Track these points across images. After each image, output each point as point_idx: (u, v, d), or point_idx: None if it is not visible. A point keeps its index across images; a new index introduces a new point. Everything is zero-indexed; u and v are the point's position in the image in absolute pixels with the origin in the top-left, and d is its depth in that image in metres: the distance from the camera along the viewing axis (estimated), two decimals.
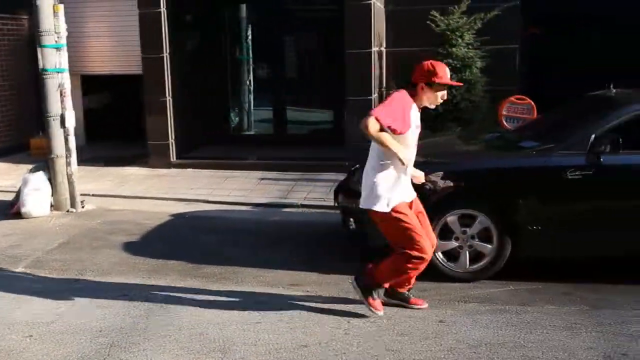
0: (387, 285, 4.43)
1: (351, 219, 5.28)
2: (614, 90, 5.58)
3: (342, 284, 4.97)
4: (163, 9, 9.06)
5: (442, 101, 4.19)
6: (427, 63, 4.10)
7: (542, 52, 10.32)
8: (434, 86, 4.08)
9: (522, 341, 3.99)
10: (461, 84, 4.06)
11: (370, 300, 4.31)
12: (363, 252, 5.52)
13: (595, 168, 4.71)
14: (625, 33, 10.34)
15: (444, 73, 4.08)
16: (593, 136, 4.74)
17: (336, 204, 5.73)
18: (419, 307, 4.47)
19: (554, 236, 4.88)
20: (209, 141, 10.26)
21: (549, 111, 6.49)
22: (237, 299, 4.69)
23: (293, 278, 5.14)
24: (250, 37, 10.73)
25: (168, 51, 9.17)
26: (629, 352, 3.85)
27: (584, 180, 4.74)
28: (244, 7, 10.70)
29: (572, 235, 4.89)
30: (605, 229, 4.88)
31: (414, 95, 4.14)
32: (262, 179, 8.63)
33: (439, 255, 4.95)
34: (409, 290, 4.50)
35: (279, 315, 4.38)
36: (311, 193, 7.82)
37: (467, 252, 4.92)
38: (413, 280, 4.44)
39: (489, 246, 4.91)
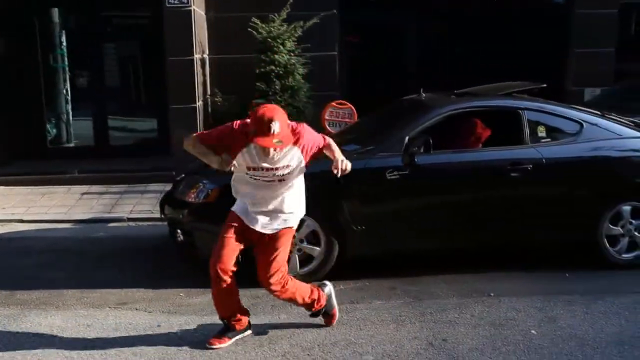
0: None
1: (178, 231, 5.15)
2: (424, 95, 5.96)
3: (173, 298, 4.84)
4: None
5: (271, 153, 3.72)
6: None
7: (359, 58, 10.83)
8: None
9: (353, 338, 4.13)
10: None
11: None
12: (192, 263, 5.44)
13: (410, 168, 5.00)
14: (430, 39, 11.19)
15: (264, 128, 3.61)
16: (407, 138, 5.04)
17: (163, 216, 5.57)
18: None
19: (378, 235, 5.11)
20: (24, 155, 9.50)
21: (368, 115, 6.80)
22: (59, 325, 4.36)
23: (120, 296, 4.91)
24: (65, 44, 10.10)
25: None
26: (448, 338, 4.13)
27: (402, 180, 5.02)
28: (56, 11, 10.04)
29: (394, 233, 5.15)
30: (423, 224, 5.20)
31: None
32: (85, 193, 8.16)
33: None
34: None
35: (106, 337, 4.15)
36: (138, 205, 7.53)
37: (297, 256, 5.00)
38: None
39: (318, 248, 5.03)
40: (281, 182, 3.87)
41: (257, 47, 8.81)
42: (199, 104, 8.81)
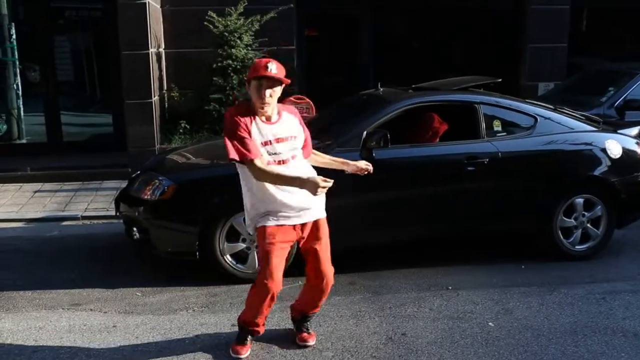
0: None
1: (134, 228, 5.06)
2: (382, 89, 5.97)
3: (129, 298, 4.75)
4: None
5: (267, 98, 3.52)
6: (257, 60, 3.71)
7: (318, 52, 10.82)
8: (251, 82, 3.56)
9: None
10: (286, 80, 3.71)
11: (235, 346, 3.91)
12: (149, 262, 5.35)
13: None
14: (387, 34, 11.24)
15: (260, 65, 3.51)
16: (365, 132, 5.03)
17: (118, 214, 5.46)
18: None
19: (338, 231, 5.07)
20: None
21: (325, 110, 6.78)
22: (9, 328, 4.23)
23: (74, 297, 4.78)
24: (15, 37, 9.82)
25: None
26: (407, 332, 4.16)
27: (360, 175, 4.99)
28: (4, 2, 9.74)
29: (354, 229, 5.13)
30: (382, 219, 5.20)
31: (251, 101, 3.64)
32: (37, 191, 7.95)
33: (228, 258, 4.94)
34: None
35: (59, 340, 4.04)
36: (93, 203, 7.37)
37: (256, 253, 4.95)
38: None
39: None
40: (295, 160, 3.69)
41: (214, 41, 8.71)
42: (155, 99, 8.66)
